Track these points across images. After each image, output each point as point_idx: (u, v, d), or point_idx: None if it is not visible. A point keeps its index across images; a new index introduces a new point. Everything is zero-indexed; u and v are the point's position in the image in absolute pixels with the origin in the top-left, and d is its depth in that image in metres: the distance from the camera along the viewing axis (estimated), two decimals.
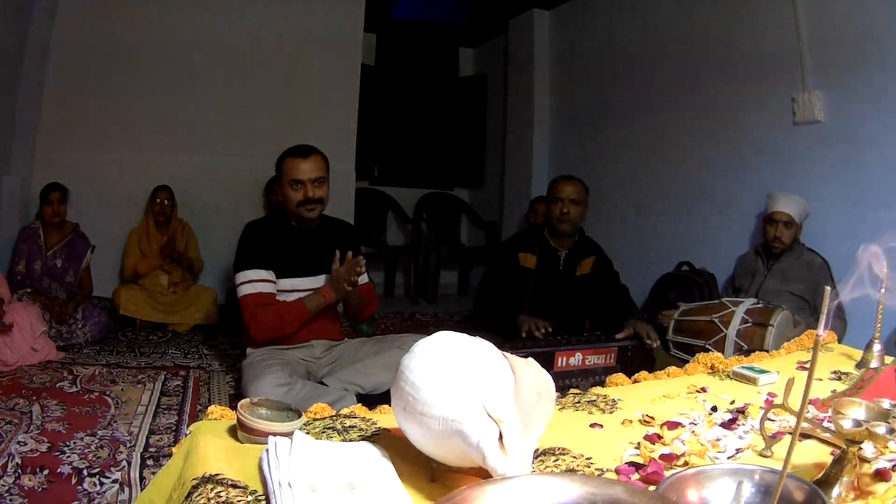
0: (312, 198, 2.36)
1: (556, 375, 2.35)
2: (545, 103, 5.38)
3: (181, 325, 3.85)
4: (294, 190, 2.36)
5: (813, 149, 3.18)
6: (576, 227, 2.91)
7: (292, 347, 2.42)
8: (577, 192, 2.86)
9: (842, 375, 1.49)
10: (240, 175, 4.57)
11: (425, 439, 0.86)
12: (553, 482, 0.73)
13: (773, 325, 2.64)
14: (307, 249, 2.42)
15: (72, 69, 4.18)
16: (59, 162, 4.06)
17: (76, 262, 3.59)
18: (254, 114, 4.63)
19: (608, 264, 3.00)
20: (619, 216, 4.45)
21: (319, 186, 2.38)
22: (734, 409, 1.22)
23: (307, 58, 4.76)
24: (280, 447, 0.88)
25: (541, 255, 2.91)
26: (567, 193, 2.84)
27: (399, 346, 2.34)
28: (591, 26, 4.93)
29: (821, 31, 3.14)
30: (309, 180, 2.35)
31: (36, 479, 1.84)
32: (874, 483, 0.88)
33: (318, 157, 2.40)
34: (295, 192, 2.36)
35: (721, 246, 3.63)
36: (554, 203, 2.87)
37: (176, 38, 4.41)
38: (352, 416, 1.17)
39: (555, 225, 2.87)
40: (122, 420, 2.35)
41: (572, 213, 2.83)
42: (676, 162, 4.10)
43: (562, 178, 2.96)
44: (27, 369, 2.89)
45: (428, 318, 4.72)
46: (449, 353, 0.87)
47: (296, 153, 2.39)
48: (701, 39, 3.90)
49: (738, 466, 0.84)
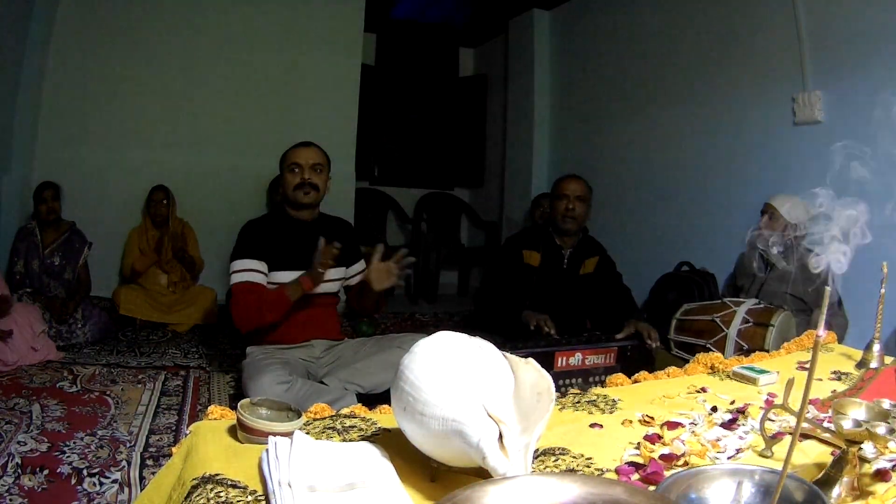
0: (308, 181, 2.43)
1: (556, 375, 2.36)
2: (545, 103, 5.38)
3: (181, 325, 3.85)
4: (292, 174, 2.45)
5: (813, 149, 3.18)
6: (580, 225, 2.91)
7: (292, 347, 2.42)
8: (581, 189, 2.88)
9: (842, 375, 1.49)
10: (240, 175, 4.58)
11: (425, 439, 0.86)
12: (553, 482, 0.73)
13: (774, 325, 2.64)
14: (304, 244, 2.43)
15: (72, 69, 4.18)
16: (58, 161, 4.07)
17: (74, 260, 3.59)
18: (254, 113, 4.63)
19: (612, 265, 3.01)
20: (619, 216, 4.45)
21: (317, 174, 2.46)
22: (734, 409, 1.22)
23: (307, 58, 4.77)
24: (280, 447, 0.88)
25: (545, 253, 2.91)
26: (572, 190, 2.86)
27: (399, 345, 2.34)
28: (591, 26, 4.93)
29: (821, 31, 3.14)
30: (307, 164, 2.44)
31: (36, 479, 1.84)
32: (874, 483, 0.88)
33: (318, 149, 2.52)
34: (292, 176, 2.44)
35: (721, 246, 3.62)
36: (559, 200, 2.88)
37: (176, 37, 4.42)
38: (352, 415, 1.17)
39: (559, 222, 2.88)
40: (122, 420, 2.35)
41: (577, 210, 2.84)
42: (676, 162, 4.10)
43: (567, 176, 2.98)
44: (27, 369, 2.89)
45: (428, 318, 4.72)
46: (449, 353, 0.87)
47: (298, 144, 2.53)
48: (701, 39, 3.90)
49: (738, 467, 0.84)
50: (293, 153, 2.48)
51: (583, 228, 2.97)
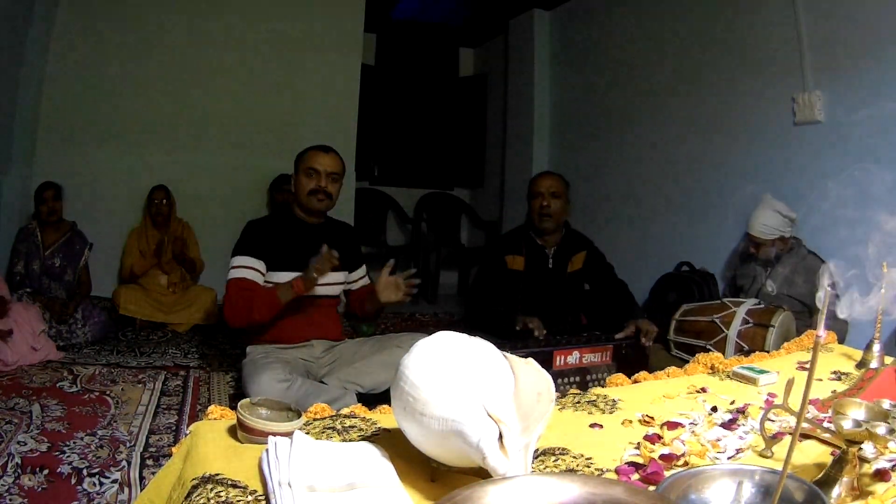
0: (324, 188, 2.43)
1: (555, 374, 2.35)
2: (545, 103, 5.38)
3: (181, 325, 3.85)
4: (308, 178, 2.44)
5: (813, 149, 3.18)
6: (558, 222, 2.82)
7: (292, 347, 2.42)
8: (555, 185, 2.80)
9: (842, 376, 1.49)
10: (240, 174, 4.58)
11: (425, 439, 0.86)
12: (553, 482, 0.73)
13: (775, 325, 2.63)
14: (306, 245, 2.43)
15: (71, 69, 4.18)
16: (58, 161, 4.07)
17: (74, 261, 3.59)
18: (254, 113, 4.63)
19: (600, 257, 2.93)
20: (619, 216, 4.45)
21: (332, 182, 2.46)
22: (734, 409, 1.22)
23: (307, 58, 4.77)
24: (280, 447, 0.88)
25: (528, 256, 2.82)
26: (546, 187, 2.78)
27: (399, 345, 2.34)
28: (591, 26, 4.93)
29: (821, 31, 3.14)
30: (325, 172, 2.43)
31: (36, 478, 1.84)
32: (874, 483, 0.88)
33: (338, 157, 2.51)
34: (308, 180, 2.43)
35: (721, 246, 3.62)
36: (534, 199, 2.80)
37: (176, 38, 4.42)
38: (352, 416, 1.17)
39: (537, 222, 2.80)
40: (122, 420, 2.35)
41: (553, 206, 2.75)
42: (676, 161, 4.09)
43: (540, 174, 2.92)
44: (27, 369, 2.89)
45: (428, 318, 4.72)
46: (449, 353, 0.87)
47: (319, 147, 2.50)
48: (701, 39, 3.90)
49: (738, 467, 0.84)
50: (313, 157, 2.45)
51: (564, 224, 2.89)
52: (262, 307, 2.31)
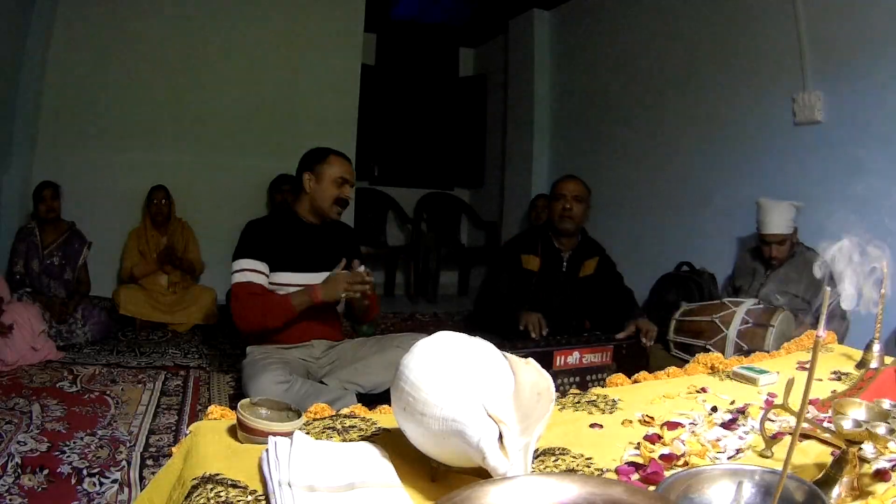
0: (348, 198, 2.48)
1: (555, 374, 2.36)
2: (545, 103, 5.38)
3: (181, 325, 3.85)
4: (335, 186, 2.45)
5: (813, 149, 3.18)
6: (578, 226, 2.88)
7: (292, 347, 2.42)
8: (579, 189, 2.85)
9: (842, 376, 1.49)
10: (240, 175, 4.58)
11: (425, 439, 0.86)
12: (553, 482, 0.73)
13: (774, 325, 2.64)
14: (306, 246, 2.43)
15: (71, 69, 4.18)
16: (58, 161, 4.07)
17: (73, 260, 3.60)
18: (254, 113, 4.64)
19: (612, 266, 2.98)
20: (619, 216, 4.45)
21: (350, 189, 2.51)
22: (734, 409, 1.22)
23: (307, 58, 4.77)
24: (280, 447, 0.88)
25: (544, 256, 2.87)
26: (570, 191, 2.83)
27: (399, 345, 2.34)
28: (592, 26, 4.93)
29: (821, 31, 3.14)
30: (350, 182, 2.48)
31: (36, 478, 1.84)
32: (874, 483, 0.88)
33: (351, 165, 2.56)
34: (335, 188, 2.45)
35: (721, 246, 3.62)
36: (556, 201, 2.86)
37: (176, 38, 4.42)
38: (352, 416, 1.17)
39: (557, 223, 2.85)
40: (122, 420, 2.35)
41: (575, 210, 2.81)
42: (676, 162, 4.10)
43: (564, 177, 2.96)
44: (27, 369, 2.89)
45: (428, 318, 4.72)
46: (449, 353, 0.87)
47: (341, 155, 2.51)
48: (701, 39, 3.90)
49: (738, 467, 0.84)
50: (342, 166, 2.45)
51: (581, 230, 2.94)
52: (277, 315, 2.31)
